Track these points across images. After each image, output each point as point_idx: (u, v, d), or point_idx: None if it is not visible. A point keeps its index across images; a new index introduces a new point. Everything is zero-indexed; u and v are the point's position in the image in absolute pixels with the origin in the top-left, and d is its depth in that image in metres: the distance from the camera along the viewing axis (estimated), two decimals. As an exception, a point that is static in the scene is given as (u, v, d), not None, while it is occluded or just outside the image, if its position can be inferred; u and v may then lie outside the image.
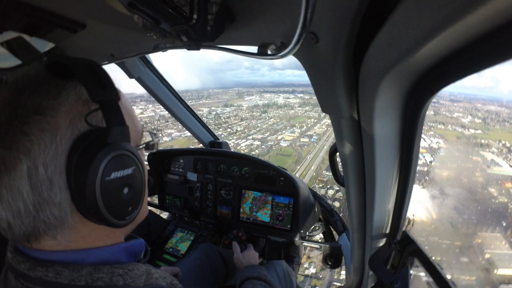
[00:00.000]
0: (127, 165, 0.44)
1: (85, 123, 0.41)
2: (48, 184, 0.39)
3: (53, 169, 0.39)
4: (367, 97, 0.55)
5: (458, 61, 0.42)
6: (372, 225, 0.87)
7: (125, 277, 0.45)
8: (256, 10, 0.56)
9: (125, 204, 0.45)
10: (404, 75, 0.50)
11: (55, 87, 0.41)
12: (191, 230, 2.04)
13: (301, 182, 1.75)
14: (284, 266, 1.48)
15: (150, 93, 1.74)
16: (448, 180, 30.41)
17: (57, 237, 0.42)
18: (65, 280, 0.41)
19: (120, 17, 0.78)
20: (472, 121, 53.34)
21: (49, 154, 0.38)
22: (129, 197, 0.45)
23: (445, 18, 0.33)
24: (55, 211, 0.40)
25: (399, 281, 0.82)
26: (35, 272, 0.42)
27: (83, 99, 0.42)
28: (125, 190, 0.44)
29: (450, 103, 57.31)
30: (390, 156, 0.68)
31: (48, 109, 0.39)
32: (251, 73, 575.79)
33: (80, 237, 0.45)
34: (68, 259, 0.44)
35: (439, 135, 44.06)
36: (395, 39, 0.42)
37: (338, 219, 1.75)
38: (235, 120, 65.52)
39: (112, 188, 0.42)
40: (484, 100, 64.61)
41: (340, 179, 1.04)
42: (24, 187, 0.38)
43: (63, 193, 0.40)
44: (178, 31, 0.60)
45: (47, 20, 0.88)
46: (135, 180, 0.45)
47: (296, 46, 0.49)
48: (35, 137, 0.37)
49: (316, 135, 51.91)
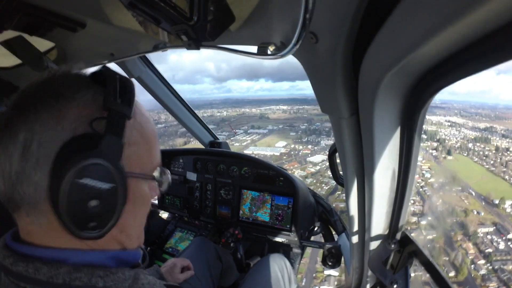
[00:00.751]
0: (105, 179, 0.42)
1: (89, 126, 0.42)
2: (34, 162, 0.40)
3: (44, 152, 0.40)
4: (367, 97, 0.55)
5: (457, 61, 0.42)
6: (372, 225, 0.87)
7: (105, 279, 0.44)
8: (256, 9, 0.56)
9: (87, 216, 0.42)
10: (404, 75, 0.50)
11: (80, 83, 0.45)
12: (191, 230, 2.04)
13: (300, 182, 1.75)
14: (283, 259, 1.48)
15: (150, 93, 1.74)
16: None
17: (30, 215, 0.43)
18: (44, 277, 0.42)
19: (120, 16, 0.78)
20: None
21: (46, 137, 0.40)
22: (94, 212, 0.42)
23: (444, 18, 0.33)
24: (31, 189, 0.41)
25: (398, 281, 0.82)
26: (17, 267, 0.42)
27: (97, 105, 0.44)
28: (92, 202, 0.41)
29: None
30: (390, 157, 0.68)
31: (63, 98, 0.43)
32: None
33: (51, 229, 0.43)
34: (49, 257, 0.44)
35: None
36: (394, 39, 0.42)
37: (337, 219, 1.75)
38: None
39: (78, 193, 0.40)
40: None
41: (340, 179, 1.04)
42: (15, 152, 0.40)
43: (43, 176, 0.40)
44: (178, 30, 0.60)
45: (47, 20, 0.88)
46: (108, 198, 0.43)
47: (296, 46, 0.49)
48: (41, 116, 0.41)
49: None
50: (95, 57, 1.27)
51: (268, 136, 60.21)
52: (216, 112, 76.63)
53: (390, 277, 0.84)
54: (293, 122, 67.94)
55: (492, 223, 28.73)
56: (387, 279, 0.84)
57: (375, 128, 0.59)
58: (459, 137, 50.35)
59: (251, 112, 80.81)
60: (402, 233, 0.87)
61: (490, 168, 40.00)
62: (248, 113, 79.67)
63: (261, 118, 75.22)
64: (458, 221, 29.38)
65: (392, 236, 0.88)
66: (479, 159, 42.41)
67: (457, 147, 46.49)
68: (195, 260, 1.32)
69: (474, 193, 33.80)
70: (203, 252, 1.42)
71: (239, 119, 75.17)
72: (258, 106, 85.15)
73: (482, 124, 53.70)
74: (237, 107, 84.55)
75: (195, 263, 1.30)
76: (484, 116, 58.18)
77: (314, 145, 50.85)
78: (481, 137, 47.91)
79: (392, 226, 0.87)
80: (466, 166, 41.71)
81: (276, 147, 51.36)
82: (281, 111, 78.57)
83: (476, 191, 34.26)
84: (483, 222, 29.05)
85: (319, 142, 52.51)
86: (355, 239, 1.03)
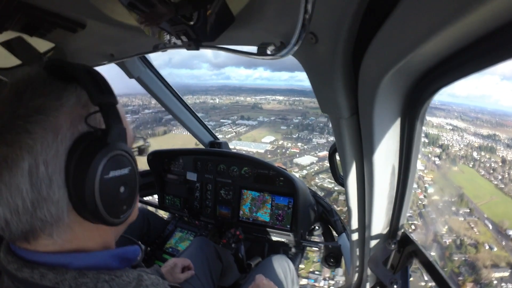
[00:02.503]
0: (124, 165, 0.45)
1: (85, 125, 0.43)
2: (48, 182, 0.39)
3: (53, 168, 0.40)
4: (367, 97, 0.55)
5: (457, 61, 0.42)
6: (372, 225, 0.87)
7: (111, 283, 0.45)
8: (256, 10, 0.56)
9: (121, 203, 0.46)
10: (404, 75, 0.50)
11: (56, 89, 0.43)
12: (191, 230, 2.04)
13: (300, 182, 1.75)
14: (286, 261, 1.48)
15: (150, 93, 1.74)
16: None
17: (53, 236, 0.43)
18: (50, 283, 0.42)
19: (120, 17, 0.78)
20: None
21: (50, 153, 0.39)
22: (125, 196, 0.46)
23: (444, 18, 0.33)
24: (52, 209, 0.41)
25: (398, 281, 0.82)
26: (22, 273, 0.42)
27: (83, 102, 0.44)
28: (121, 189, 0.45)
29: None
30: (390, 156, 0.68)
31: (51, 109, 0.41)
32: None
33: (74, 237, 0.45)
34: (54, 262, 0.44)
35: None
36: (394, 39, 0.42)
37: (337, 219, 1.75)
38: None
39: (110, 187, 0.43)
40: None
41: (340, 179, 1.04)
42: (24, 184, 0.39)
43: (61, 191, 0.41)
44: (178, 31, 0.60)
45: (47, 20, 0.88)
46: (130, 179, 0.47)
47: (296, 46, 0.49)
48: (38, 135, 0.39)
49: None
50: (95, 58, 1.27)
51: (256, 128, 57.00)
52: (209, 99, 73.20)
53: (390, 277, 0.84)
54: (286, 114, 64.81)
55: (507, 264, 23.79)
56: (387, 279, 0.84)
57: (375, 128, 0.59)
58: (462, 143, 47.59)
59: (245, 100, 77.82)
60: (402, 233, 0.88)
61: (499, 185, 35.72)
62: (242, 102, 76.39)
63: (254, 108, 72.29)
64: (468, 260, 24.30)
65: (392, 236, 0.88)
66: (486, 172, 38.77)
67: (461, 156, 43.25)
68: (195, 260, 1.32)
69: (485, 220, 28.90)
70: (203, 252, 1.42)
71: (230, 108, 72.19)
72: (254, 95, 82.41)
73: (484, 130, 50.97)
74: (233, 95, 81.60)
75: (196, 263, 1.30)
76: (485, 122, 55.95)
77: (305, 143, 47.21)
78: (486, 146, 44.96)
79: (392, 226, 0.87)
80: (472, 181, 37.04)
81: (262, 143, 47.96)
82: (276, 101, 75.51)
83: (487, 216, 29.46)
84: (497, 262, 23.87)
85: (310, 139, 48.69)
86: (355, 239, 1.03)
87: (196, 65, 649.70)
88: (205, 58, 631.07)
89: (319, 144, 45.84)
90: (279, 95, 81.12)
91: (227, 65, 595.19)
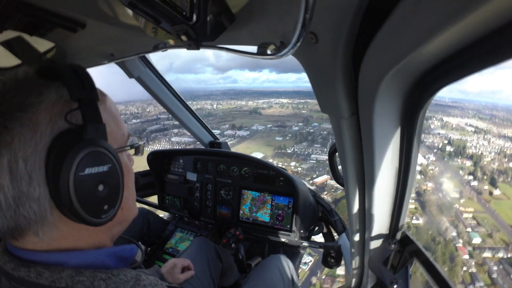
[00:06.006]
0: (102, 162, 0.44)
1: (65, 121, 0.42)
2: (27, 179, 0.39)
3: (32, 164, 0.40)
4: (367, 97, 0.55)
5: (457, 61, 0.42)
6: (372, 225, 0.87)
7: (108, 282, 0.45)
8: (256, 10, 0.56)
9: (101, 202, 0.44)
10: (404, 75, 0.50)
11: (38, 86, 0.43)
12: (191, 230, 2.04)
13: (300, 182, 1.75)
14: (286, 261, 1.48)
15: (150, 92, 1.74)
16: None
17: (39, 234, 0.43)
18: (46, 281, 0.42)
19: (120, 16, 0.78)
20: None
21: (29, 149, 0.39)
22: (104, 195, 0.45)
23: (444, 19, 0.33)
24: (35, 206, 0.41)
25: (398, 281, 0.82)
26: (19, 272, 0.43)
27: (65, 99, 0.44)
28: (100, 187, 0.44)
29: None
30: (390, 156, 0.68)
31: (30, 106, 0.41)
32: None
33: (62, 236, 0.45)
34: (50, 260, 0.44)
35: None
36: (394, 39, 0.42)
37: (337, 219, 1.75)
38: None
39: (86, 184, 0.42)
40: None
41: (340, 179, 1.04)
42: (4, 180, 0.39)
43: (41, 188, 0.40)
44: (178, 30, 0.60)
45: (47, 20, 0.88)
46: (111, 177, 0.45)
47: (296, 46, 0.49)
48: (15, 131, 0.39)
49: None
50: (95, 57, 1.27)
51: (246, 141, 50.68)
52: (208, 104, 69.44)
53: (390, 277, 0.84)
54: (286, 120, 60.82)
55: None
56: (387, 279, 0.84)
57: (375, 128, 0.59)
58: (492, 150, 36.64)
59: (245, 105, 74.01)
60: (402, 233, 0.88)
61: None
62: (242, 107, 72.30)
63: (252, 114, 68.24)
64: None
65: (393, 236, 0.88)
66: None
67: (497, 170, 30.58)
68: (195, 260, 1.32)
69: None
70: (203, 252, 1.42)
71: (227, 115, 68.15)
72: (258, 99, 79.19)
73: (507, 130, 42.10)
74: (236, 99, 78.24)
75: (196, 263, 1.30)
76: (504, 120, 48.57)
77: (301, 160, 38.22)
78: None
79: (393, 226, 0.87)
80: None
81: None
82: (279, 105, 71.47)
83: None
84: None
85: (308, 155, 40.04)
86: (355, 239, 1.03)
87: (200, 69, 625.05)
88: (208, 61, 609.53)
89: (318, 162, 37.34)
90: (284, 98, 78.26)
91: (231, 67, 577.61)
